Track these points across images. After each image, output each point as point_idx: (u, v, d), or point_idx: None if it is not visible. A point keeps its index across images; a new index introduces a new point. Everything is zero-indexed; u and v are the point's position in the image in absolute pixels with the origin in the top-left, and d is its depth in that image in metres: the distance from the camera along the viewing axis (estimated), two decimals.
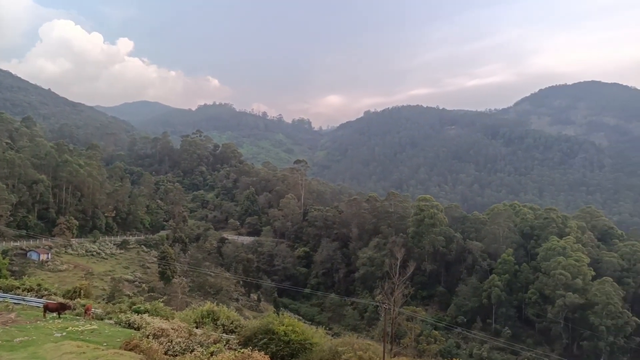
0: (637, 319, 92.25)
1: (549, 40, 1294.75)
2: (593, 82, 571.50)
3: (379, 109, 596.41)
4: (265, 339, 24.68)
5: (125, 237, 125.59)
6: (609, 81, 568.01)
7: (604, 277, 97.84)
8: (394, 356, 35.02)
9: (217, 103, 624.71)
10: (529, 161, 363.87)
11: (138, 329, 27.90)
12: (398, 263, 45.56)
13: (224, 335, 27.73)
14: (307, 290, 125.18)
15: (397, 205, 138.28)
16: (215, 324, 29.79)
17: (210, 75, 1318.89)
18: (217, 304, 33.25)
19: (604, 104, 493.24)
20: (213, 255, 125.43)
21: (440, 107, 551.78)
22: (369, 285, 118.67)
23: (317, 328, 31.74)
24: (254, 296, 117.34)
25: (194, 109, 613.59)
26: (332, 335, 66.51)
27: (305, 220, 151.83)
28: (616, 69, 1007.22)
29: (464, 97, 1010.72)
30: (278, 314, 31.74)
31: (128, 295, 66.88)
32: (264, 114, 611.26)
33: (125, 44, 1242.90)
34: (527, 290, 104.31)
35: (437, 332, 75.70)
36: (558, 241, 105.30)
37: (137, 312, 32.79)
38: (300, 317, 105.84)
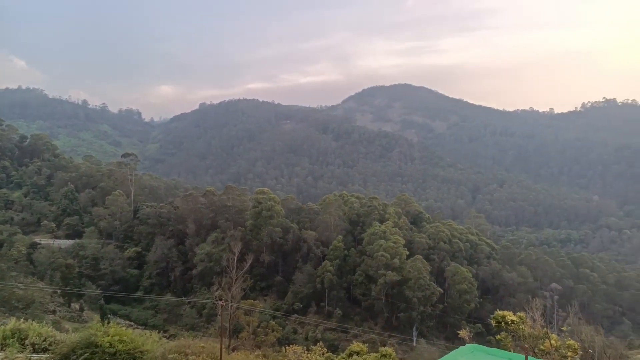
0: (440, 289, 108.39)
1: (369, 45, 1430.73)
2: (406, 85, 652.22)
3: (215, 102, 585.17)
4: (86, 354, 21.97)
5: None
6: (418, 85, 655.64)
7: (416, 255, 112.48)
8: (233, 351, 34.80)
9: (25, 87, 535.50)
10: (355, 155, 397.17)
11: None
12: (235, 257, 45.31)
13: (34, 356, 23.93)
14: (138, 294, 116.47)
15: (235, 198, 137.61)
16: (23, 344, 25.49)
17: (15, 56, 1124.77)
18: (26, 320, 28.49)
19: (414, 105, 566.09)
20: (22, 264, 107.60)
21: (276, 102, 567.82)
22: (207, 281, 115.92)
23: (150, 333, 29.58)
24: (75, 305, 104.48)
25: None
26: (169, 338, 63.26)
27: (137, 218, 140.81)
28: (423, 75, 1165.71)
29: (298, 93, 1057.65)
30: (103, 322, 28.57)
31: None
32: (85, 102, 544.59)
33: None
34: (355, 273, 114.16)
35: (274, 323, 77.84)
36: (379, 226, 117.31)
37: None
38: (132, 323, 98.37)
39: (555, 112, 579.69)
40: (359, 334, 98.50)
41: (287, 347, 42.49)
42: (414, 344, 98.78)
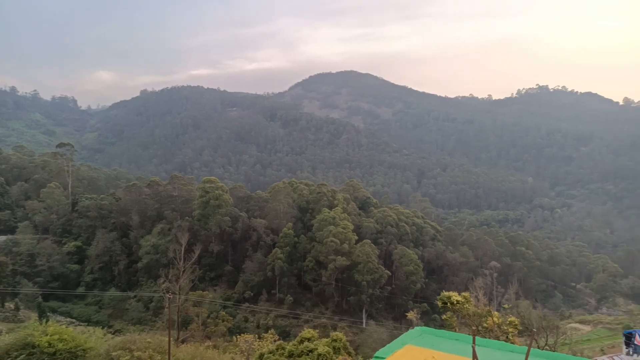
0: (388, 272, 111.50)
1: (315, 32, 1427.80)
2: (352, 72, 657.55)
3: (157, 89, 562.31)
4: (22, 356, 20.78)
5: None
6: (364, 72, 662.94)
7: (364, 240, 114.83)
8: (182, 344, 34.09)
9: None
10: (303, 142, 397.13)
11: None
12: (182, 248, 44.15)
13: None
14: (80, 291, 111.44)
15: (181, 188, 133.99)
16: None
17: None
18: None
19: (360, 92, 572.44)
20: None
21: (222, 89, 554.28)
22: (154, 274, 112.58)
23: (94, 329, 28.35)
24: (10, 305, 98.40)
25: None
26: (114, 334, 61.08)
27: (75, 211, 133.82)
28: (369, 62, 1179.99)
29: (245, 80, 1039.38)
30: (41, 321, 27.06)
31: None
32: (13, 89, 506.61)
33: None
34: (305, 259, 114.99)
35: (224, 313, 77.10)
36: (329, 212, 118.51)
37: None
38: (74, 320, 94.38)
39: (493, 98, 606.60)
40: (310, 319, 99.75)
41: (238, 337, 42.29)
42: (364, 325, 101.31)
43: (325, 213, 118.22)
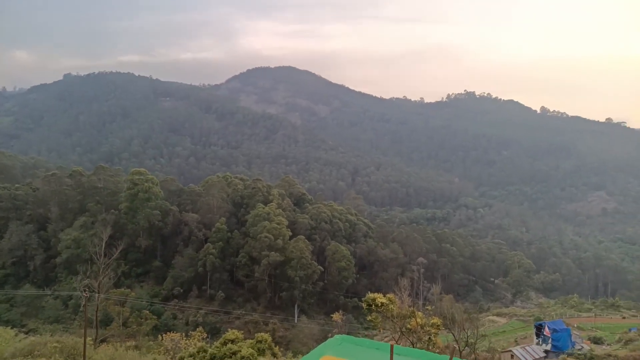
0: (320, 267, 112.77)
1: (253, 24, 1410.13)
2: (290, 67, 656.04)
3: (82, 73, 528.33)
4: None
5: None
6: (302, 68, 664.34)
7: (299, 236, 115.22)
8: (100, 345, 32.24)
9: None
10: (239, 136, 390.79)
11: None
12: (104, 242, 41.72)
13: None
14: None
15: (107, 180, 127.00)
16: None
17: None
18: None
19: (298, 88, 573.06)
20: None
21: (154, 77, 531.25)
22: (74, 269, 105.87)
23: (4, 329, 26.01)
24: None
25: None
26: (27, 333, 56.57)
27: None
28: (307, 59, 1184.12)
29: (179, 70, 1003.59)
30: None
31: None
32: None
33: None
34: (238, 255, 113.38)
35: (147, 311, 73.90)
36: (263, 208, 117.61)
37: None
38: None
39: (425, 101, 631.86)
40: (242, 316, 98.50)
41: (163, 335, 40.73)
42: (296, 321, 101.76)
43: (260, 208, 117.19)
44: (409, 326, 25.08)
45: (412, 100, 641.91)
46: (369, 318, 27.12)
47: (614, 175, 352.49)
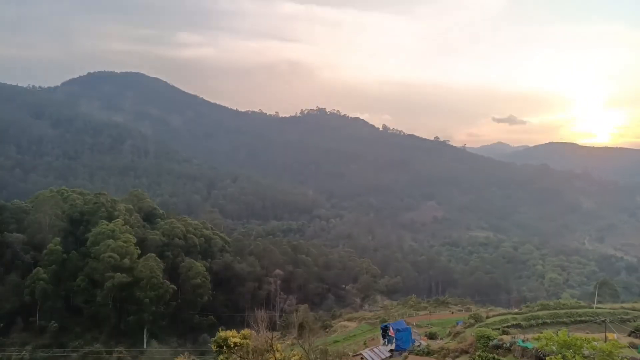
0: (173, 286, 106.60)
1: (95, 23, 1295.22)
2: (139, 74, 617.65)
3: None
4: None
5: None
6: (153, 75, 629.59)
7: (149, 254, 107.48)
8: None
9: None
10: (79, 145, 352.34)
11: None
12: None
13: None
14: None
15: None
16: None
17: None
18: None
19: (148, 96, 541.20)
20: None
21: None
22: None
23: None
24: None
25: None
26: None
27: None
28: (159, 66, 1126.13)
29: (1, 67, 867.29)
30: None
31: None
32: None
33: None
34: (76, 278, 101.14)
35: None
36: (107, 224, 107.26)
37: None
38: None
39: (280, 115, 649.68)
40: (80, 348, 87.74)
41: None
42: (145, 346, 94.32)
43: (103, 225, 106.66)
44: None
45: (268, 114, 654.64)
46: (220, 358, 25.12)
47: (442, 187, 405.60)
